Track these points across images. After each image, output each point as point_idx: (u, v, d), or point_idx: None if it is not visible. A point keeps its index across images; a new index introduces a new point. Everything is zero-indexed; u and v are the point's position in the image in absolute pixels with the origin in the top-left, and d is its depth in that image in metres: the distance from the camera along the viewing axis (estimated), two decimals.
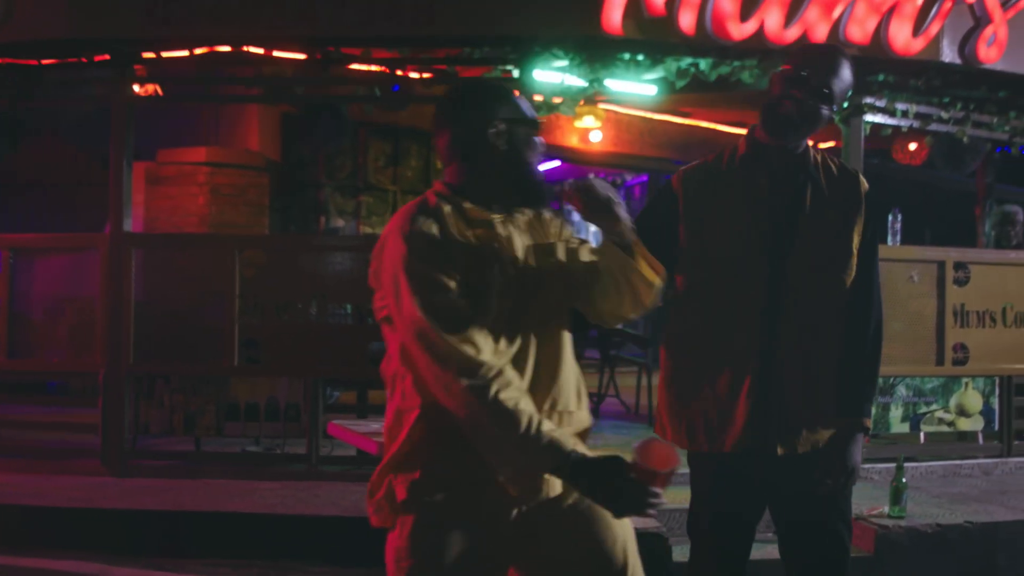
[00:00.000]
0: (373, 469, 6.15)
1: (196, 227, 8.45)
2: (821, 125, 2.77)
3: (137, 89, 6.30)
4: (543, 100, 6.16)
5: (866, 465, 6.47)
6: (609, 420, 8.55)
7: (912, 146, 9.35)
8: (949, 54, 6.18)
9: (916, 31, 5.99)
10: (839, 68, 2.76)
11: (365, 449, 4.05)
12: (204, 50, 6.24)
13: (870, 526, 5.42)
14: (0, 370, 6.49)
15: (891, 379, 6.69)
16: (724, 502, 2.90)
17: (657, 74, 6.36)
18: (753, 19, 5.76)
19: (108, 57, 6.18)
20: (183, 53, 6.24)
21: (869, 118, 6.60)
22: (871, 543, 5.34)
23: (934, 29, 6.02)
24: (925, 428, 6.84)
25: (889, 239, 6.94)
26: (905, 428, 6.79)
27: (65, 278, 6.49)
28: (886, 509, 5.61)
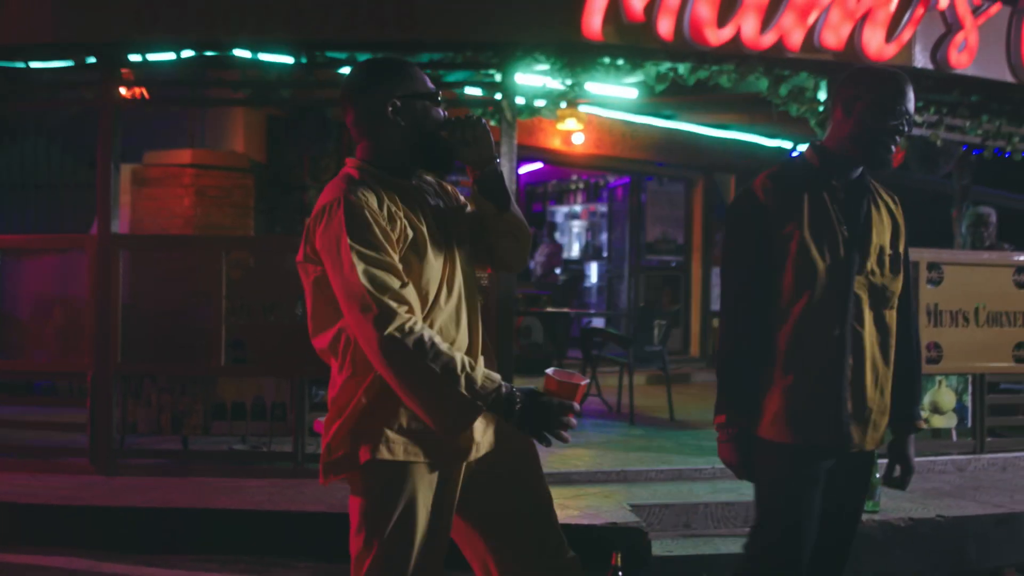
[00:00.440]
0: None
1: (181, 228, 8.49)
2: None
3: (124, 92, 6.36)
4: (525, 103, 6.26)
5: None
6: (591, 419, 8.65)
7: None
8: (921, 59, 6.32)
9: (889, 37, 6.13)
10: (909, 89, 2.99)
11: None
12: (190, 54, 6.34)
13: None
14: None
15: None
16: (816, 495, 3.08)
17: (637, 78, 6.49)
18: (730, 25, 5.88)
19: (95, 60, 6.24)
20: (170, 56, 6.32)
21: None
22: None
23: (906, 35, 6.16)
24: None
25: None
26: None
27: (53, 279, 6.54)
28: None
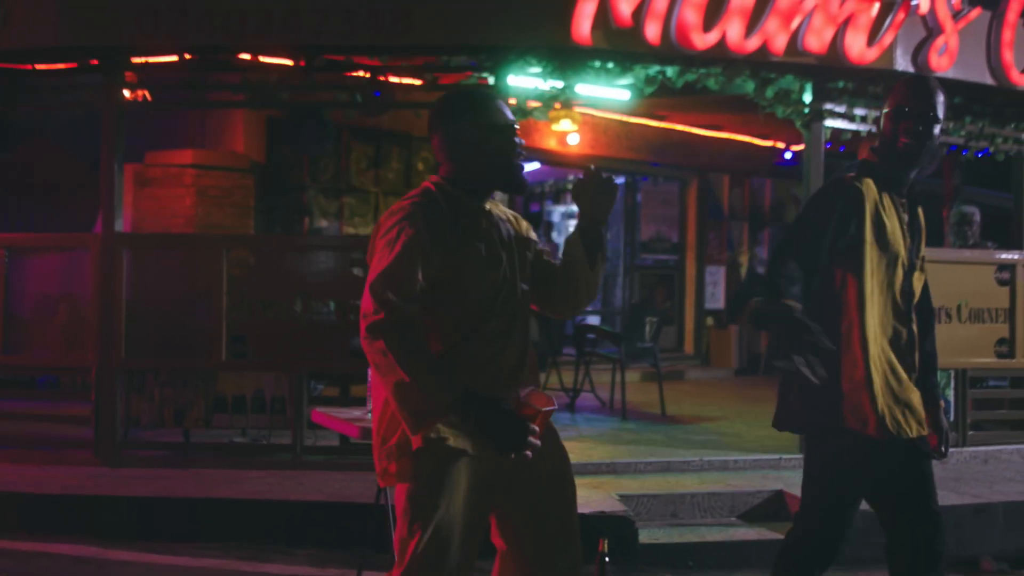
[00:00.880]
0: (356, 459, 6.51)
1: (182, 228, 8.62)
2: (936, 145, 3.23)
3: (127, 94, 6.53)
4: (517, 104, 6.43)
5: None
6: (584, 414, 8.84)
7: None
8: (902, 63, 6.49)
9: (871, 41, 6.29)
10: (936, 91, 3.19)
11: (346, 433, 4.33)
12: (192, 56, 6.50)
13: None
14: None
15: None
16: (869, 481, 3.30)
17: (627, 80, 6.65)
18: (715, 30, 6.04)
19: (99, 63, 6.41)
20: (172, 58, 6.48)
21: (829, 123, 6.90)
22: None
23: (887, 39, 6.32)
24: None
25: None
26: None
27: (58, 277, 6.73)
28: None
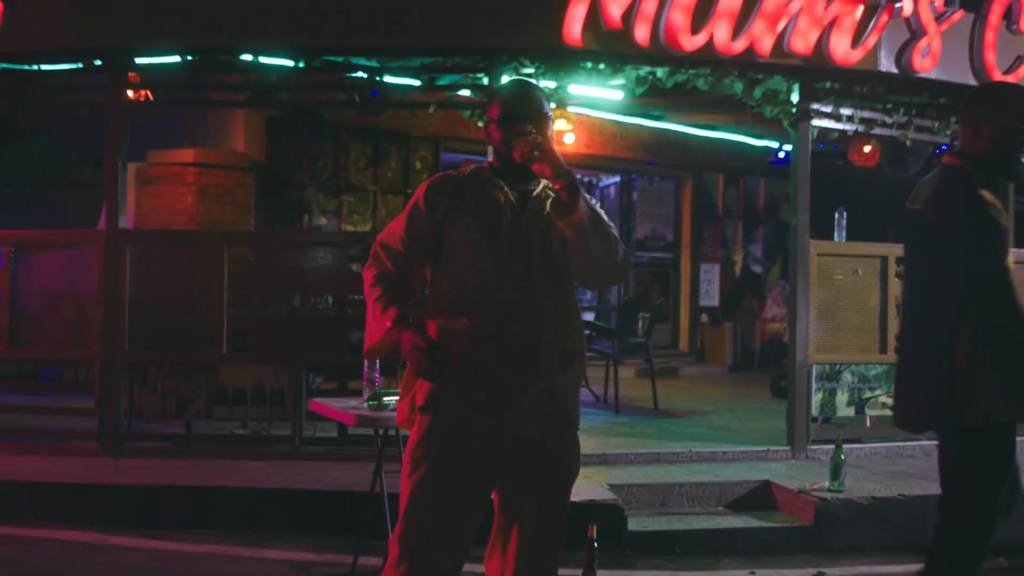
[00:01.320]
0: (353, 450, 6.70)
1: (184, 225, 8.76)
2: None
3: (130, 94, 6.69)
4: None
5: (812, 447, 7.01)
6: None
7: (866, 149, 9.83)
8: (886, 64, 6.63)
9: (855, 43, 6.44)
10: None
11: (343, 422, 4.49)
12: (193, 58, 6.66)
13: (811, 499, 5.89)
14: (2, 358, 6.88)
15: (837, 366, 7.16)
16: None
17: (618, 81, 6.81)
18: (703, 32, 6.20)
19: (103, 64, 6.57)
20: (174, 59, 6.64)
21: (816, 123, 7.06)
22: (811, 514, 5.82)
23: (871, 41, 6.47)
24: (869, 412, 7.32)
25: (836, 235, 7.40)
26: (850, 412, 7.27)
27: (62, 272, 6.88)
28: (826, 484, 6.09)
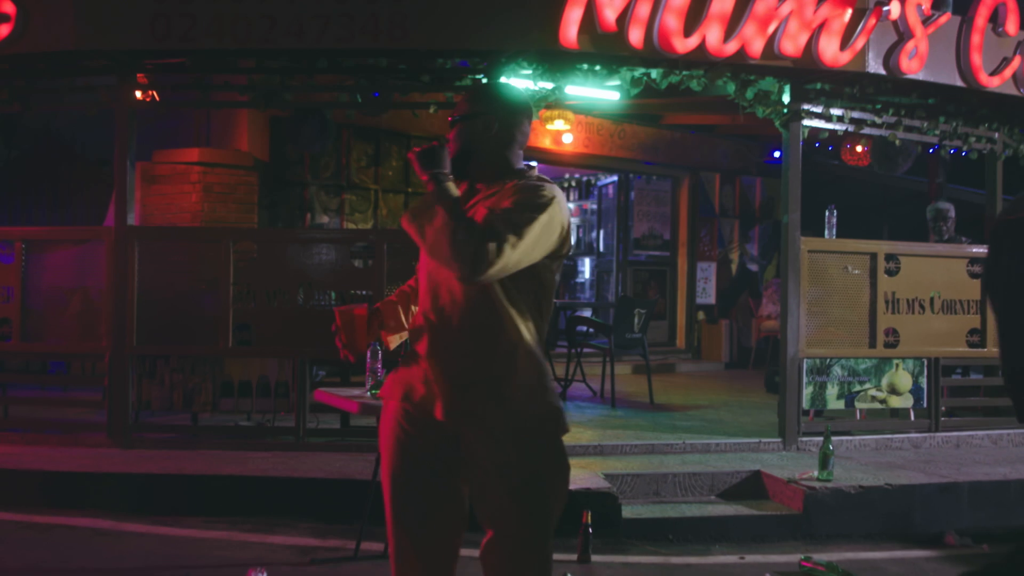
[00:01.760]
0: (356, 441, 6.91)
1: (189, 223, 8.87)
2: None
3: (138, 95, 6.86)
4: None
5: (803, 439, 7.18)
6: (575, 402, 9.17)
7: (859, 148, 10.02)
8: (874, 66, 6.79)
9: (843, 45, 6.60)
10: None
11: (347, 410, 4.66)
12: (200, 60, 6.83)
13: (800, 488, 6.06)
14: (15, 352, 7.05)
15: (828, 360, 7.34)
16: None
17: (614, 82, 6.98)
18: (695, 35, 6.36)
19: (113, 66, 6.74)
20: (180, 60, 6.81)
21: (807, 123, 7.23)
22: (800, 503, 6.00)
23: (860, 43, 6.63)
24: (859, 405, 7.50)
25: (826, 233, 7.57)
26: (840, 405, 7.44)
27: (72, 268, 7.04)
28: (815, 473, 6.26)
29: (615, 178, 13.61)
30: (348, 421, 7.02)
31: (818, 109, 7.24)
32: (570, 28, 6.20)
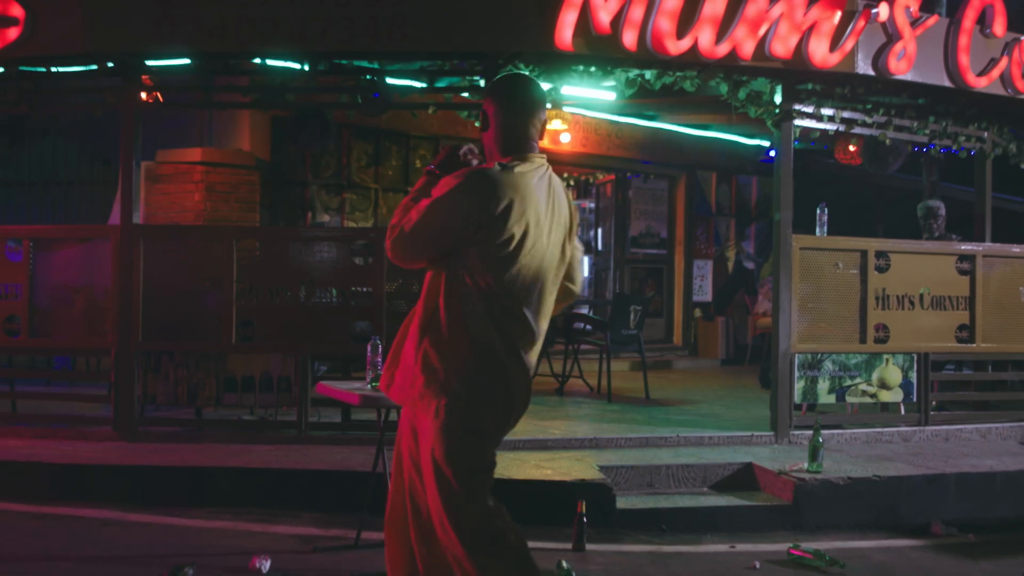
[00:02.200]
0: (357, 434, 7.06)
1: (192, 222, 9.00)
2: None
3: (143, 96, 7.01)
4: None
5: (795, 432, 7.32)
6: (572, 397, 9.32)
7: (852, 148, 10.16)
8: (863, 67, 6.94)
9: (833, 47, 6.75)
10: None
11: (348, 401, 4.80)
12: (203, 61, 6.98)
13: (790, 479, 6.21)
14: (23, 347, 7.20)
15: (819, 355, 7.48)
16: None
17: (609, 83, 7.12)
18: (688, 37, 6.50)
19: (118, 67, 6.88)
20: (185, 62, 6.95)
21: (799, 122, 7.38)
22: (790, 494, 6.14)
23: (849, 45, 6.78)
24: (850, 399, 7.64)
25: (817, 230, 7.72)
26: (831, 399, 7.58)
27: (78, 266, 7.18)
28: (805, 465, 6.41)
29: (612, 177, 13.75)
30: (349, 415, 7.16)
31: (809, 109, 7.38)
32: (565, 31, 6.35)
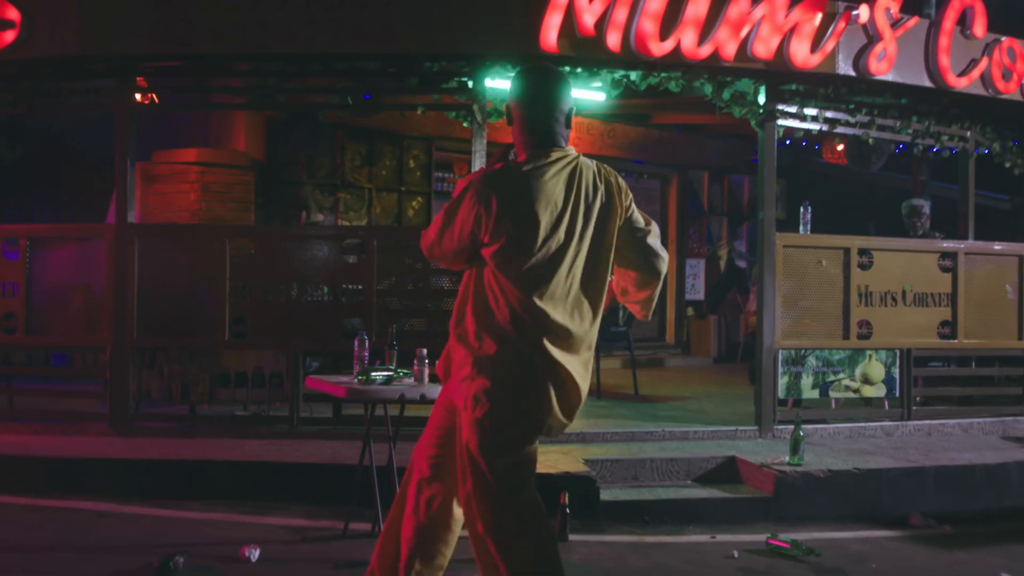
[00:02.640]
0: (347, 429, 7.20)
1: (187, 221, 9.07)
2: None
3: (138, 97, 7.14)
4: (493, 107, 7.03)
5: (779, 427, 7.45)
6: None
7: (839, 147, 10.30)
8: (844, 67, 7.07)
9: (814, 48, 6.87)
10: None
11: (335, 394, 4.93)
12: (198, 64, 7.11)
13: (771, 472, 6.34)
14: (21, 345, 7.33)
15: (803, 351, 7.61)
16: None
17: (595, 84, 7.25)
18: (671, 38, 6.63)
19: (114, 70, 7.01)
20: (178, 64, 7.09)
21: (782, 122, 7.50)
22: (771, 486, 6.27)
23: (829, 46, 6.91)
24: (833, 395, 7.77)
25: (801, 228, 7.85)
26: (815, 394, 7.71)
27: (74, 265, 7.32)
28: (787, 458, 6.54)
29: None
30: (340, 410, 7.28)
31: (793, 109, 7.50)
32: (550, 33, 6.47)
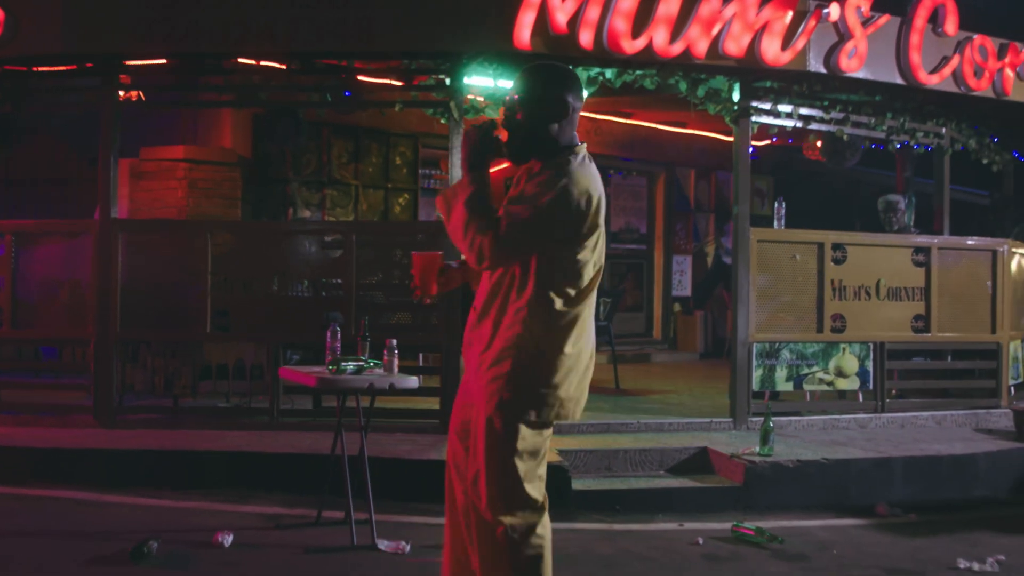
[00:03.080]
0: (326, 420, 7.30)
1: (174, 217, 9.26)
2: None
3: (123, 95, 7.25)
4: (471, 103, 7.16)
5: (753, 419, 7.58)
6: None
7: (819, 143, 10.39)
8: (815, 65, 7.18)
9: (785, 46, 6.99)
10: None
11: (306, 384, 5.05)
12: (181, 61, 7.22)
13: (741, 462, 6.46)
14: (5, 338, 7.46)
15: (777, 344, 7.73)
16: None
17: None
18: (643, 36, 6.74)
19: (98, 67, 7.13)
20: (163, 62, 7.20)
21: (756, 119, 7.63)
22: (741, 476, 6.39)
23: (800, 44, 7.02)
24: (807, 387, 7.89)
25: (775, 223, 7.97)
26: (789, 387, 7.84)
27: (60, 260, 7.44)
28: (757, 449, 6.66)
29: None
30: (320, 402, 7.40)
31: (767, 106, 7.62)
32: (523, 31, 6.59)
